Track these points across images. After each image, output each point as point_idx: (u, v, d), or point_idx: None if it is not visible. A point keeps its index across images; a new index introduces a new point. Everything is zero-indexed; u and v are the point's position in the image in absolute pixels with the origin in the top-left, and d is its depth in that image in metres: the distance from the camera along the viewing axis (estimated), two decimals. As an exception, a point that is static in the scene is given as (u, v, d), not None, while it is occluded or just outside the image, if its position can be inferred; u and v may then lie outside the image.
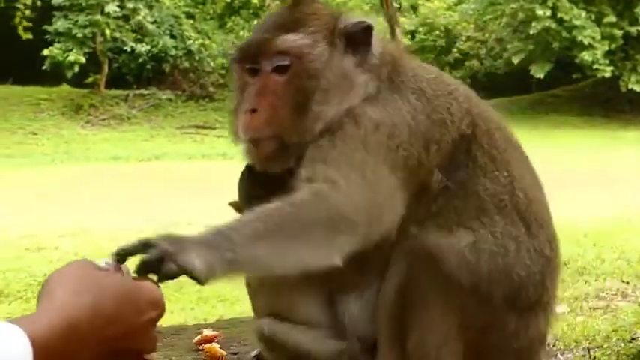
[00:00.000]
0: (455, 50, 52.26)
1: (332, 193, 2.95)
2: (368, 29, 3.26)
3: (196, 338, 3.99)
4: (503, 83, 48.70)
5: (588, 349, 6.42)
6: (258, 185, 3.29)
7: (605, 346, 6.45)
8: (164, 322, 3.46)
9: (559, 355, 6.28)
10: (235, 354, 3.83)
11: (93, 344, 2.10)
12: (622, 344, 6.44)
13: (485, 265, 3.21)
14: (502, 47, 48.72)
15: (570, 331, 7.07)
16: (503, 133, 3.53)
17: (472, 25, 52.58)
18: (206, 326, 4.22)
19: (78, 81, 43.04)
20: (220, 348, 3.87)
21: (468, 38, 52.51)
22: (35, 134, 38.23)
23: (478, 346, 3.30)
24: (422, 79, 3.35)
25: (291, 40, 3.15)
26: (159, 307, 2.33)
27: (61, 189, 20.69)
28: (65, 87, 43.52)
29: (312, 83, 3.14)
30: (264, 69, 3.18)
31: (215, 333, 4.04)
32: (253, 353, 3.67)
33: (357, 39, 3.25)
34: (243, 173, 3.39)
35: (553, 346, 6.29)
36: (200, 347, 3.93)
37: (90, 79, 43.20)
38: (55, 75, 42.28)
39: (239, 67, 3.30)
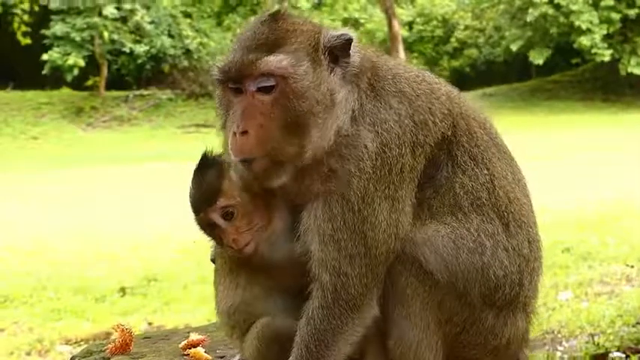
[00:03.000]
0: (453, 39, 52.26)
1: (338, 284, 3.20)
2: (349, 42, 3.25)
3: (182, 343, 3.99)
4: (503, 71, 48.74)
5: (592, 336, 6.42)
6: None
7: (609, 331, 6.46)
8: (158, 323, 3.49)
9: (564, 343, 6.29)
10: (222, 357, 3.84)
11: None
12: (626, 329, 6.45)
13: (462, 263, 3.26)
14: (500, 35, 48.70)
15: (575, 318, 7.08)
16: (486, 132, 3.56)
17: (470, 14, 52.56)
18: (194, 330, 4.21)
19: (78, 84, 43.09)
20: (206, 352, 3.88)
21: (466, 27, 52.50)
22: (37, 138, 38.28)
23: (456, 342, 3.36)
24: (401, 80, 3.37)
25: (275, 61, 3.13)
26: None
27: (63, 192, 20.68)
28: (65, 90, 43.58)
29: (300, 102, 3.14)
30: (248, 89, 3.17)
31: (201, 337, 4.03)
32: (235, 359, 3.70)
33: (338, 52, 3.26)
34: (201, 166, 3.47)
35: (558, 333, 6.29)
36: (185, 352, 3.95)
37: (90, 82, 43.29)
38: (54, 79, 42.37)
39: (222, 86, 3.29)
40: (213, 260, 3.55)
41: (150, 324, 9.21)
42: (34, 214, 17.21)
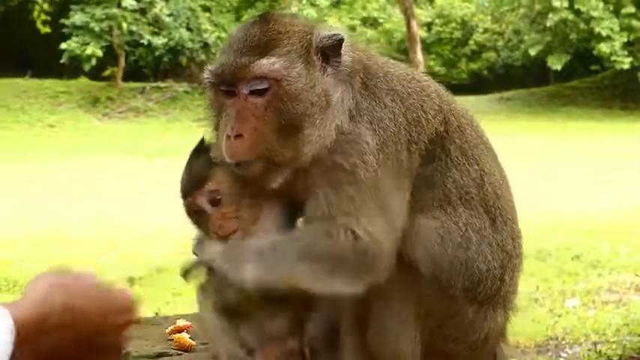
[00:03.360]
0: (472, 42, 52.14)
1: (370, 245, 3.11)
2: (340, 42, 3.25)
3: (169, 328, 4.03)
4: (521, 75, 48.62)
5: (595, 344, 6.42)
6: (209, 167, 3.37)
7: (612, 340, 6.45)
8: (167, 310, 3.52)
9: (567, 350, 6.30)
10: (205, 344, 3.87)
11: (66, 338, 2.32)
12: (630, 338, 6.45)
13: (447, 257, 3.27)
14: (519, 39, 48.57)
15: (581, 325, 7.07)
16: (474, 129, 3.58)
17: (489, 17, 52.43)
18: (182, 317, 4.26)
19: (95, 74, 43.22)
20: (190, 338, 3.92)
21: (485, 30, 52.36)
22: (53, 127, 38.45)
23: (435, 336, 3.36)
24: (393, 78, 3.38)
25: (268, 64, 3.12)
26: (128, 314, 2.53)
27: (78, 181, 20.76)
28: (83, 80, 43.72)
29: (294, 105, 3.14)
30: (241, 92, 3.16)
31: (187, 324, 4.07)
32: None
33: (330, 52, 3.25)
34: (193, 154, 3.46)
35: (562, 340, 6.31)
36: (170, 337, 3.99)
37: (107, 72, 43.39)
38: (72, 68, 42.51)
39: (214, 89, 3.28)
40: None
41: (156, 314, 9.24)
42: (48, 201, 17.29)
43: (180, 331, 4.04)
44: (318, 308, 3.41)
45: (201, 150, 3.43)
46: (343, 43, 3.26)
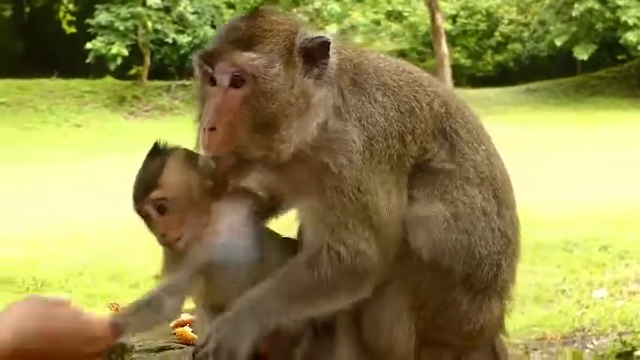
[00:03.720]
0: (497, 34, 51.84)
1: (356, 262, 3.16)
2: (325, 44, 3.24)
3: (172, 323, 4.05)
4: (547, 66, 48.29)
5: (620, 334, 6.38)
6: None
7: (638, 330, 6.40)
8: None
9: (594, 341, 6.26)
10: None
11: None
12: (656, 329, 6.41)
13: (451, 242, 3.27)
14: (545, 29, 48.26)
15: (608, 316, 7.02)
16: (470, 113, 3.59)
17: (514, 8, 52.12)
18: (187, 311, 4.28)
19: (121, 73, 43.40)
20: (193, 332, 3.95)
21: (511, 21, 52.05)
22: (79, 126, 38.66)
23: (429, 326, 3.37)
24: (383, 73, 3.39)
25: (248, 58, 3.14)
26: (99, 345, 2.63)
27: (104, 180, 20.85)
28: (108, 79, 43.91)
29: (269, 104, 3.14)
30: (221, 82, 3.19)
31: (190, 318, 4.10)
32: None
33: (315, 53, 3.24)
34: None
35: (588, 331, 6.26)
36: (173, 331, 4.03)
37: (132, 71, 43.56)
38: (98, 67, 42.71)
39: (200, 72, 3.30)
40: None
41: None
42: (76, 200, 17.39)
43: (183, 325, 4.06)
44: None
45: (154, 154, 3.44)
46: (330, 45, 3.24)
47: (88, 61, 41.99)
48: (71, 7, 42.41)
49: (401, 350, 3.34)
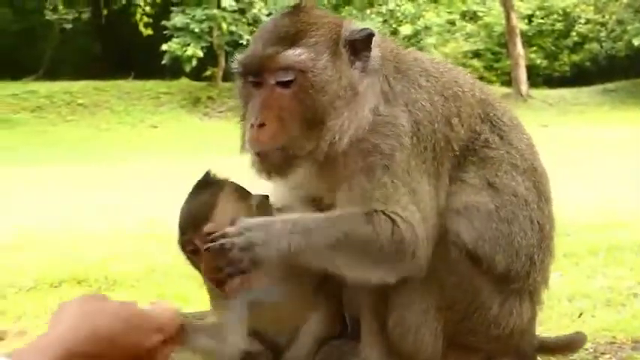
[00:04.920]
0: (574, 33, 51.08)
1: (407, 231, 3.09)
2: (370, 36, 3.25)
3: None
4: (625, 66, 47.37)
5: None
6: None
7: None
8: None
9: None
10: None
11: None
12: None
13: (492, 231, 3.26)
14: (623, 29, 47.42)
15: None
16: (506, 105, 3.61)
17: (591, 7, 51.29)
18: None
19: (196, 74, 43.83)
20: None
21: (588, 21, 51.23)
22: (155, 127, 39.13)
23: (457, 330, 3.33)
24: (424, 62, 3.42)
25: (294, 54, 3.14)
26: (165, 332, 2.46)
27: (178, 179, 21.03)
28: (184, 80, 44.38)
29: (319, 96, 3.14)
30: (267, 82, 3.17)
31: None
32: None
33: (359, 46, 3.25)
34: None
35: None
36: None
37: (207, 73, 43.97)
38: (174, 69, 43.21)
39: (243, 76, 3.30)
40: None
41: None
42: (149, 199, 17.59)
43: None
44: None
45: (204, 184, 3.37)
46: (374, 40, 3.26)
47: (163, 62, 42.49)
48: (148, 9, 43.03)
49: (427, 352, 3.30)
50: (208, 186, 3.36)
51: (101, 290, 10.25)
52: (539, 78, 48.72)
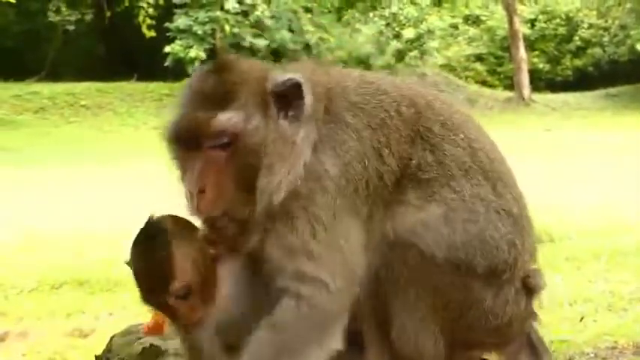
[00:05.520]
0: (576, 38, 51.08)
1: (319, 296, 3.08)
2: (297, 86, 3.19)
3: None
4: (627, 71, 47.35)
5: None
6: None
7: None
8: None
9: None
10: None
11: None
12: None
13: (459, 235, 3.24)
14: (625, 34, 47.45)
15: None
16: (444, 102, 3.55)
17: (594, 12, 51.29)
18: None
19: (199, 76, 43.79)
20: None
21: (590, 25, 51.24)
22: (157, 129, 38.96)
23: (456, 327, 3.33)
24: (349, 92, 3.35)
25: (226, 119, 3.09)
26: None
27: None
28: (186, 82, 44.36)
29: (255, 157, 3.11)
30: (202, 147, 3.14)
31: None
32: None
33: (288, 94, 3.19)
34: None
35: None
36: None
37: (210, 75, 43.94)
38: (176, 71, 43.16)
39: (176, 141, 3.26)
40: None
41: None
42: (152, 201, 17.58)
43: None
44: None
45: (151, 235, 3.27)
46: (305, 87, 3.19)
47: (166, 64, 42.50)
48: (151, 11, 43.00)
49: (429, 355, 3.30)
50: (156, 236, 3.27)
51: (102, 292, 10.24)
52: (542, 82, 48.72)
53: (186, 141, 3.20)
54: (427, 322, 3.27)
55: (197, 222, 3.27)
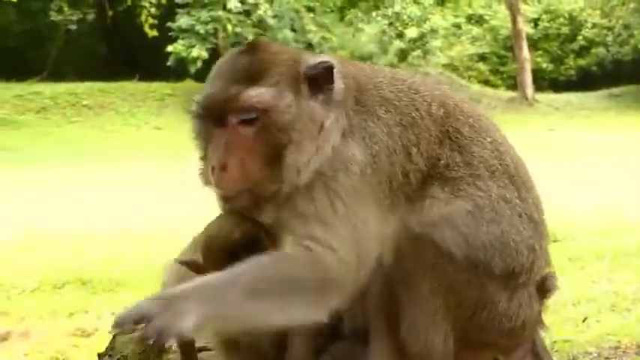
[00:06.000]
0: (580, 38, 51.07)
1: (325, 256, 3.01)
2: (329, 69, 3.21)
3: None
4: (631, 71, 47.36)
5: None
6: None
7: None
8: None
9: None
10: None
11: None
12: None
13: (482, 234, 3.23)
14: (629, 33, 47.45)
15: None
16: (470, 105, 3.59)
17: (598, 12, 51.26)
18: None
19: (201, 76, 43.74)
20: None
21: (594, 25, 51.22)
22: (159, 128, 39.15)
23: (468, 327, 3.30)
24: (382, 87, 3.36)
25: (257, 94, 3.09)
26: None
27: (183, 181, 21.01)
28: (189, 82, 44.39)
29: (283, 135, 3.11)
30: (230, 122, 3.14)
31: None
32: None
33: (320, 79, 3.21)
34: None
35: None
36: None
37: (213, 74, 43.96)
38: (179, 70, 43.22)
39: (203, 115, 3.25)
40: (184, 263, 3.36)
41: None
42: (154, 201, 17.59)
43: None
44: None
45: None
46: (336, 72, 3.22)
47: (168, 64, 42.51)
48: (153, 10, 43.06)
49: (438, 353, 3.27)
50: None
51: (104, 291, 10.23)
52: (545, 82, 48.72)
53: (214, 115, 3.19)
54: (439, 319, 3.24)
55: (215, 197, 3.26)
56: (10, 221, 14.66)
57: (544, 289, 3.50)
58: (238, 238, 3.20)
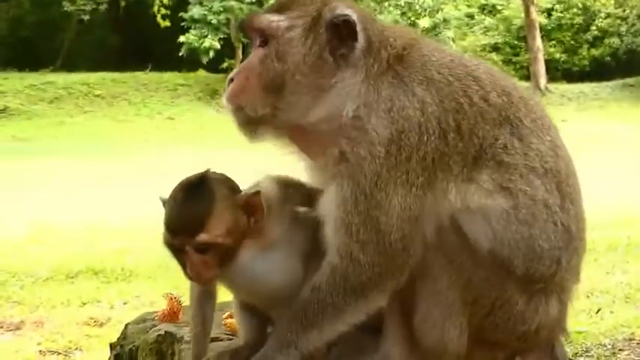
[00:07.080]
0: (594, 28, 50.79)
1: (349, 269, 3.12)
2: (347, 23, 3.17)
3: (225, 314, 4.06)
4: (645, 61, 47.14)
5: None
6: None
7: None
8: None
9: None
10: None
11: None
12: None
13: (511, 233, 3.15)
14: (643, 23, 47.19)
15: None
16: (536, 103, 3.47)
17: (612, 1, 50.99)
18: None
19: (213, 66, 43.86)
20: None
21: (608, 15, 50.93)
22: (172, 119, 39.21)
23: (482, 325, 3.25)
24: (431, 67, 3.25)
25: (268, 20, 3.22)
26: None
27: (196, 171, 21.00)
28: (201, 72, 44.46)
29: (280, 65, 3.18)
30: (254, 42, 3.28)
31: None
32: None
33: (343, 32, 3.17)
34: None
35: None
36: (223, 323, 4.06)
37: (225, 64, 43.98)
38: (191, 61, 43.27)
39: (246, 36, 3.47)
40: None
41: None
42: (167, 190, 17.61)
43: (233, 316, 4.05)
44: None
45: (201, 187, 3.25)
46: (364, 29, 3.20)
47: (181, 54, 42.54)
48: (165, 1, 43.06)
49: (452, 347, 3.24)
50: (204, 189, 3.24)
51: (117, 281, 10.27)
52: (558, 72, 48.53)
53: (240, 31, 3.59)
54: (454, 313, 3.20)
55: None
56: (23, 211, 14.72)
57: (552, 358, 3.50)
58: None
